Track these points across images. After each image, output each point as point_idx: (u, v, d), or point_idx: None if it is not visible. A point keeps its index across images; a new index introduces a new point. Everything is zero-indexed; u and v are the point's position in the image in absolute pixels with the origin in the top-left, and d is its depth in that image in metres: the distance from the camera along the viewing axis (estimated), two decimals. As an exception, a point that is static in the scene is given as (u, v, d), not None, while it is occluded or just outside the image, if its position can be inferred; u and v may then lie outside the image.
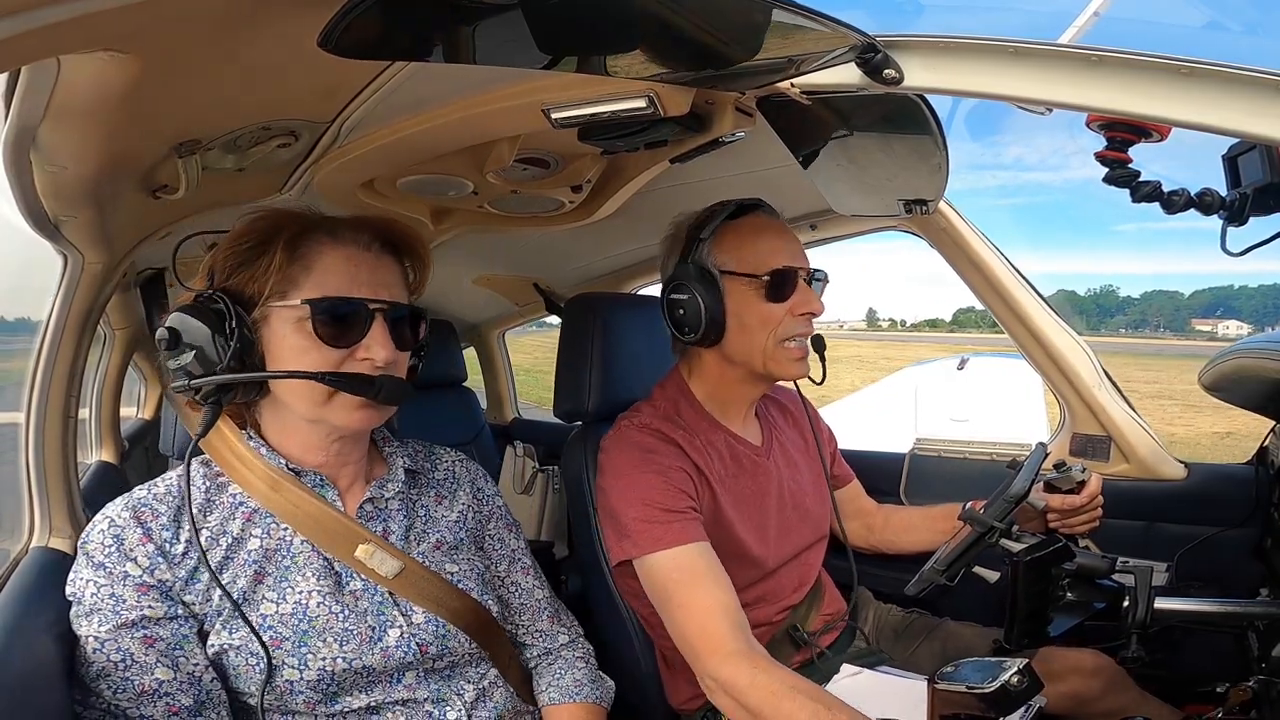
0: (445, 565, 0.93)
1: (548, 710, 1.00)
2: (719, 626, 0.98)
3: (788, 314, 1.13)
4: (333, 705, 0.83)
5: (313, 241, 0.84)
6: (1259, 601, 1.14)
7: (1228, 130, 0.63)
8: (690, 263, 1.15)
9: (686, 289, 1.13)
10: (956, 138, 1.02)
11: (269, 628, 0.81)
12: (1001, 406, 4.74)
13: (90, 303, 1.06)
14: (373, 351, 0.83)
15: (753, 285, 1.12)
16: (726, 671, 0.95)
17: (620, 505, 1.09)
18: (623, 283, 2.21)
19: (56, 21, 0.50)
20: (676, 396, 1.22)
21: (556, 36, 0.71)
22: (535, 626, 1.05)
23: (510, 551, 1.05)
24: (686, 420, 1.18)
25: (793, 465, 1.32)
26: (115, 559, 0.78)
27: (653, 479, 1.08)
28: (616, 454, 1.13)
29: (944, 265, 1.62)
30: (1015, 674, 0.71)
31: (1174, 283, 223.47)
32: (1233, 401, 1.31)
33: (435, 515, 0.97)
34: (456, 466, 1.05)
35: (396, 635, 0.86)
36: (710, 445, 1.18)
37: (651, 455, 1.10)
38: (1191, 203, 0.80)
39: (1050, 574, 1.00)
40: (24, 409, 1.06)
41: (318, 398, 0.83)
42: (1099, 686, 1.17)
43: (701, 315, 1.11)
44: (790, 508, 1.26)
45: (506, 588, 1.03)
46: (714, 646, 0.97)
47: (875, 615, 1.43)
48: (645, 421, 1.16)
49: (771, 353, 1.14)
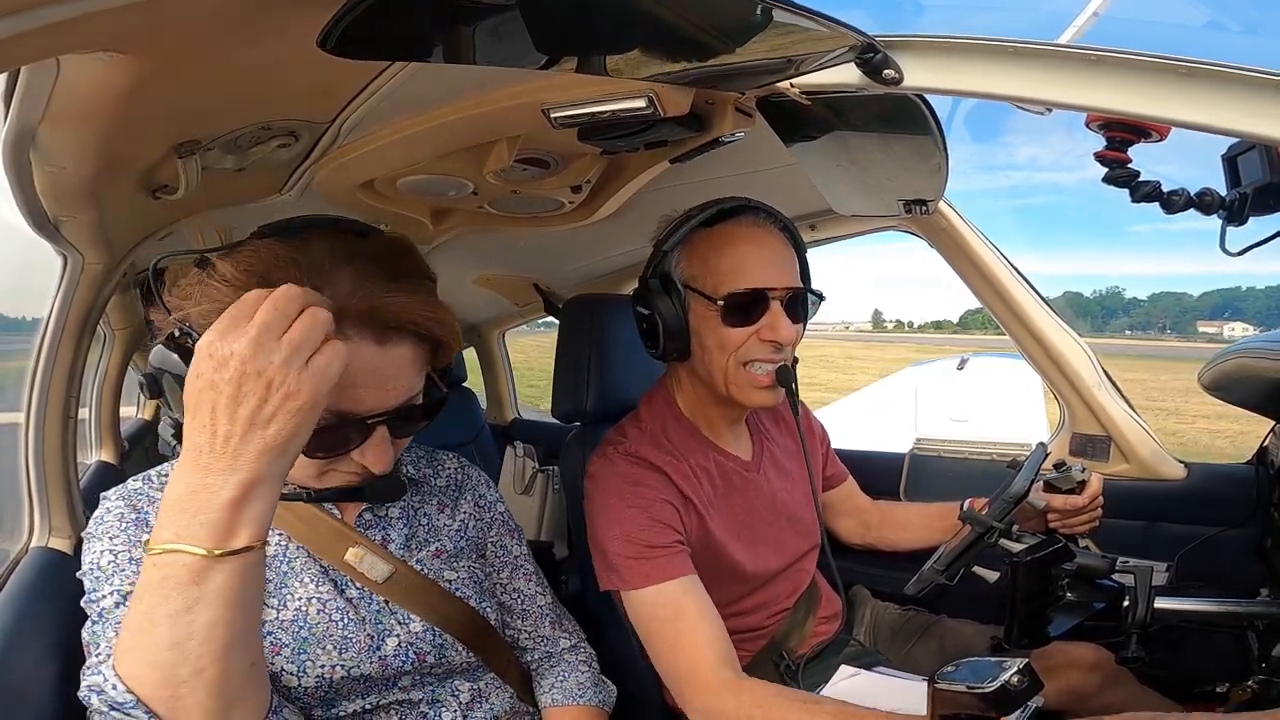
0: (444, 573, 0.92)
1: (549, 712, 0.99)
2: (704, 663, 0.97)
3: (754, 338, 1.05)
4: (329, 710, 0.83)
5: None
6: (1259, 601, 1.14)
7: (1227, 130, 0.63)
8: (654, 275, 1.09)
9: (650, 300, 1.08)
10: (958, 138, 1.02)
11: (268, 634, 0.80)
12: (1001, 406, 4.75)
13: (90, 303, 1.06)
14: (368, 460, 0.75)
15: (710, 306, 1.05)
16: (713, 703, 0.95)
17: (605, 539, 1.06)
18: (623, 283, 2.21)
19: (56, 21, 0.50)
20: (663, 412, 1.18)
21: (556, 36, 0.71)
22: (538, 632, 1.04)
23: (513, 558, 1.04)
24: (674, 442, 1.14)
25: (785, 475, 1.29)
26: (130, 530, 0.77)
27: (637, 514, 1.04)
28: (602, 483, 1.09)
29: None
30: (1015, 673, 0.70)
31: (1186, 284, 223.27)
32: (1233, 401, 1.31)
33: (437, 524, 0.96)
34: (459, 473, 1.03)
35: (394, 644, 0.85)
36: (699, 468, 1.14)
37: (637, 488, 1.06)
38: (1191, 203, 0.80)
39: (1050, 574, 1.00)
40: (24, 409, 1.06)
41: (310, 474, 0.78)
42: (1098, 681, 1.17)
43: (659, 331, 1.07)
44: (784, 519, 1.24)
45: (508, 594, 1.03)
46: (700, 684, 0.97)
47: (873, 613, 1.43)
48: (631, 449, 1.11)
49: (733, 377, 1.07)
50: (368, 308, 0.70)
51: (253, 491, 0.58)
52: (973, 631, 1.33)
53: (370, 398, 0.72)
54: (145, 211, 0.99)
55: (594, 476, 1.12)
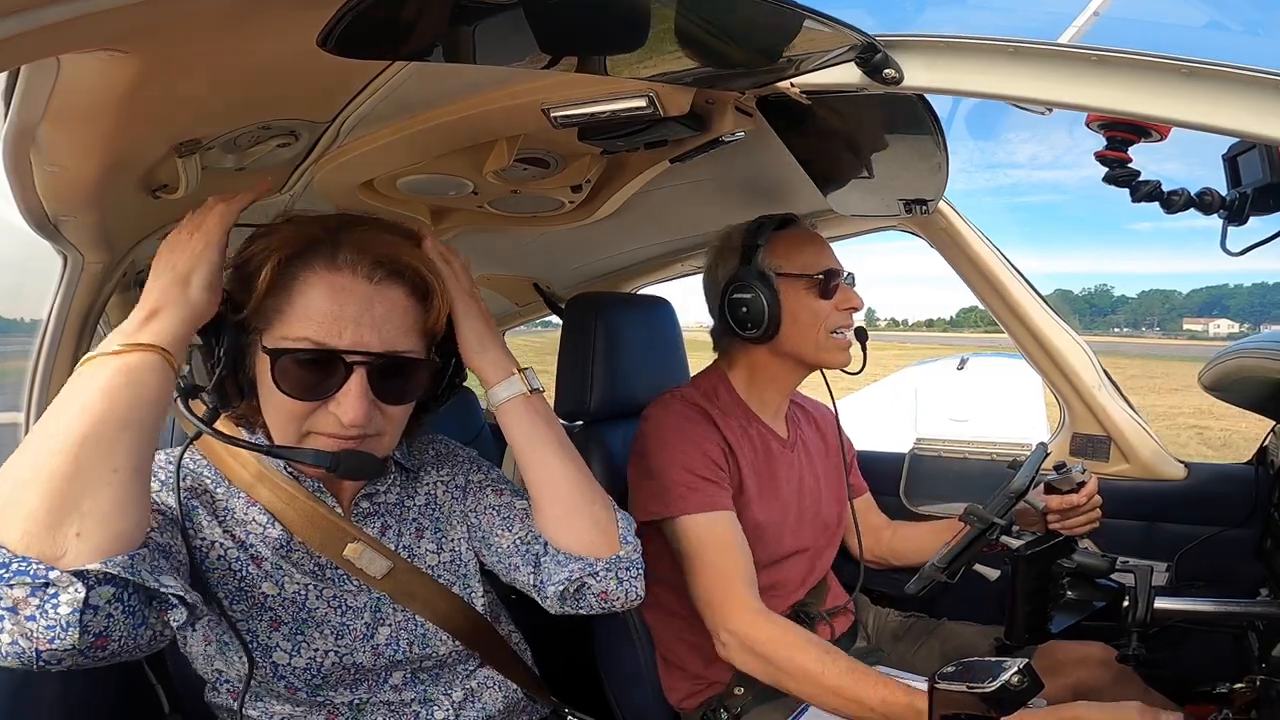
0: (436, 564, 0.92)
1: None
2: (742, 589, 1.09)
3: (834, 309, 1.24)
4: (314, 695, 0.83)
5: (304, 267, 0.77)
6: (1259, 601, 1.14)
7: (1228, 130, 0.63)
8: (751, 265, 1.23)
9: (750, 289, 1.21)
10: (959, 138, 1.02)
11: (269, 609, 0.81)
12: (1001, 406, 4.74)
13: (90, 302, 1.06)
14: (342, 408, 0.76)
15: (806, 285, 1.23)
16: (746, 626, 1.06)
17: (661, 466, 1.16)
18: (623, 283, 2.21)
19: (56, 21, 0.50)
20: (717, 384, 1.30)
21: (557, 36, 0.71)
22: (529, 549, 0.91)
23: (495, 508, 0.95)
24: (724, 404, 1.27)
25: (814, 465, 1.36)
26: None
27: (693, 448, 1.17)
28: (659, 421, 1.22)
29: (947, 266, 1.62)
30: (1016, 673, 0.70)
31: (1177, 282, 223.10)
32: (1233, 401, 1.31)
33: (429, 511, 0.96)
34: (450, 455, 1.02)
35: (388, 634, 0.86)
36: (742, 429, 1.26)
37: (693, 426, 1.19)
38: (1191, 202, 0.80)
39: (1050, 571, 1.00)
40: (24, 409, 1.06)
41: (290, 435, 0.79)
42: (1106, 679, 1.17)
43: (764, 313, 1.20)
44: (808, 502, 1.31)
45: (493, 534, 0.94)
46: (737, 603, 1.08)
47: (875, 619, 1.44)
48: (687, 395, 1.25)
49: (823, 343, 1.24)
50: (362, 238, 0.79)
51: (159, 311, 0.71)
52: (974, 634, 1.33)
53: (353, 332, 0.76)
54: (145, 211, 0.99)
55: (650, 418, 1.24)
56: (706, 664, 1.20)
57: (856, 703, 0.96)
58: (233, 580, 0.81)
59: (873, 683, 0.96)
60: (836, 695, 0.98)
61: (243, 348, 0.79)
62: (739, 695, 1.19)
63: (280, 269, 0.77)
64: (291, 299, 0.77)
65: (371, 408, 0.78)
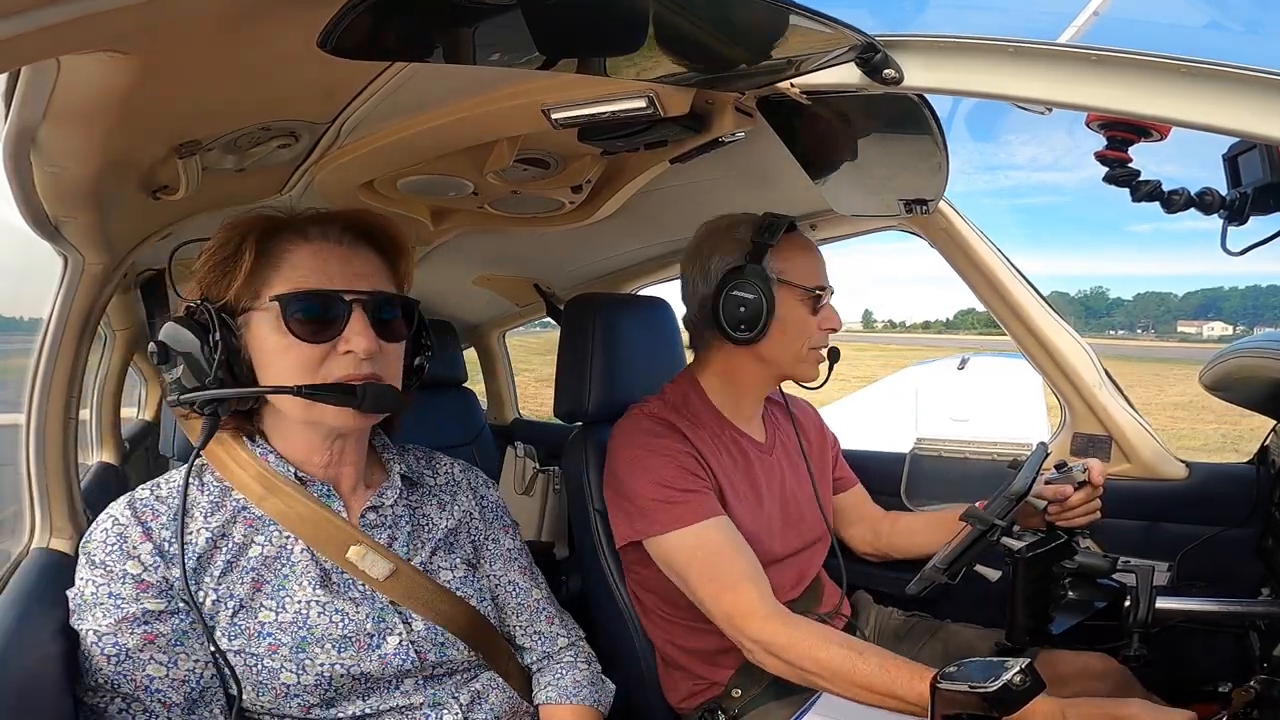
0: (443, 571, 0.93)
1: (545, 710, 0.99)
2: (750, 594, 1.05)
3: (817, 327, 1.23)
4: (328, 710, 0.83)
5: (281, 240, 0.84)
6: (1260, 601, 1.14)
7: (1228, 130, 0.63)
8: (760, 264, 1.20)
9: (753, 288, 1.17)
10: (959, 140, 1.02)
11: (268, 634, 0.81)
12: (1001, 406, 4.74)
13: (90, 304, 1.06)
14: (353, 343, 0.81)
15: (802, 296, 1.21)
16: (767, 633, 1.02)
17: (634, 486, 1.13)
18: (623, 283, 2.21)
19: (56, 22, 0.50)
20: (687, 391, 1.27)
21: (557, 36, 0.71)
22: (533, 628, 1.04)
23: (505, 551, 1.04)
24: (694, 413, 1.23)
25: (795, 466, 1.34)
26: (116, 557, 0.78)
27: (665, 461, 1.13)
28: (626, 438, 1.19)
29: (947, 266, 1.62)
30: (1017, 673, 0.70)
31: (1172, 284, 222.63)
32: (1234, 401, 1.31)
33: (436, 522, 0.97)
34: (457, 473, 1.04)
35: (395, 642, 0.86)
36: (715, 439, 1.22)
37: (661, 440, 1.16)
38: (1191, 202, 0.80)
39: (1051, 571, 1.00)
40: (25, 410, 1.06)
41: (310, 369, 0.82)
42: (1106, 690, 1.16)
43: (761, 316, 1.17)
44: (792, 504, 1.29)
45: (502, 588, 1.03)
46: (750, 611, 1.04)
47: (876, 618, 1.43)
48: (653, 411, 1.22)
49: (803, 356, 1.23)
50: (322, 214, 0.86)
51: None
52: (975, 635, 1.33)
53: (341, 278, 0.83)
54: (145, 212, 0.99)
55: (618, 435, 1.21)
56: (706, 665, 1.20)
57: (892, 697, 0.93)
58: (230, 609, 0.82)
59: (908, 676, 0.92)
60: (870, 691, 0.95)
61: (234, 330, 0.82)
62: (736, 697, 1.19)
63: (259, 244, 0.82)
64: (278, 265, 0.82)
65: (375, 344, 0.83)
